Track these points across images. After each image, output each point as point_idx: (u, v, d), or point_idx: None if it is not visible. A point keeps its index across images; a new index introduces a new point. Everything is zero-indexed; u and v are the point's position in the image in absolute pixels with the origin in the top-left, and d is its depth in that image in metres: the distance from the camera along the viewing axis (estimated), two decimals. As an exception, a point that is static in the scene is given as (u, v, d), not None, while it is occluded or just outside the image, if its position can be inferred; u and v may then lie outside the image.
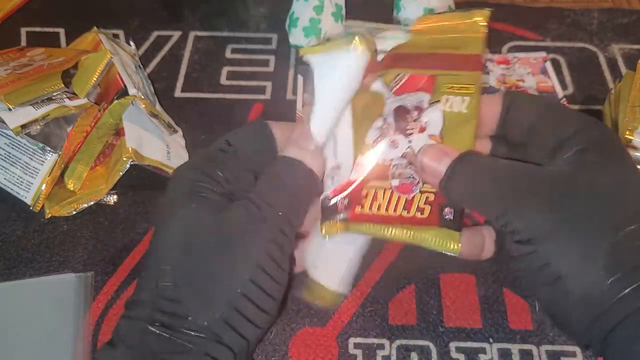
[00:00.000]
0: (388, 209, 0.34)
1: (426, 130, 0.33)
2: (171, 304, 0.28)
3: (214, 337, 0.28)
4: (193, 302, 0.28)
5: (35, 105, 0.41)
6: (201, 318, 0.28)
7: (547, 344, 0.38)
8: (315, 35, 0.54)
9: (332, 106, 0.32)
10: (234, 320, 0.28)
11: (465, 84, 0.33)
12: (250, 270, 0.28)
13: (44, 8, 0.63)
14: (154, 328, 0.27)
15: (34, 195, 0.44)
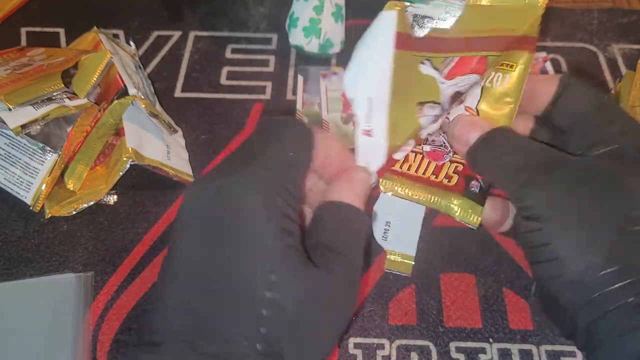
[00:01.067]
0: (418, 171, 0.35)
1: (464, 102, 0.34)
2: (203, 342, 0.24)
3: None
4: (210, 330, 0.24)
5: (35, 105, 0.41)
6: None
7: (547, 344, 0.38)
8: (315, 35, 0.54)
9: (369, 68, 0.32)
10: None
11: (511, 62, 0.33)
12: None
13: (44, 8, 0.63)
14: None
15: (34, 195, 0.44)
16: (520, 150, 0.32)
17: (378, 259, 0.43)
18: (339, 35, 0.56)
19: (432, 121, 0.34)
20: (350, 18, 0.57)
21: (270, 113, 0.53)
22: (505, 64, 0.33)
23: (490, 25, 0.33)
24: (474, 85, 0.34)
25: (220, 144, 0.51)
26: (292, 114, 0.52)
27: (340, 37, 0.56)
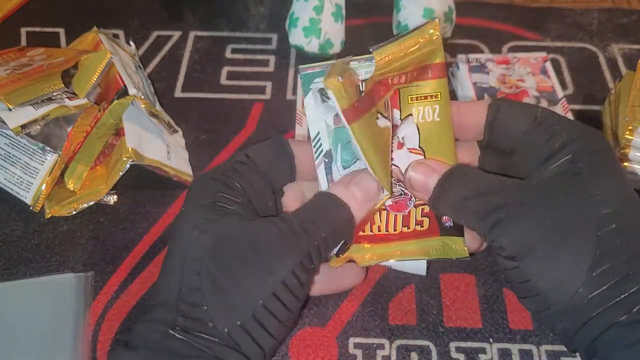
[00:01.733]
0: (388, 229, 0.34)
1: (405, 145, 0.33)
2: (194, 309, 0.28)
3: (233, 344, 0.28)
4: (216, 308, 0.28)
5: (35, 105, 0.41)
6: (222, 324, 0.28)
7: (547, 344, 0.38)
8: (315, 35, 0.54)
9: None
10: (253, 329, 0.29)
11: (431, 93, 0.32)
12: (275, 285, 0.29)
13: (44, 8, 0.63)
14: (174, 332, 0.28)
15: (34, 195, 0.44)
16: (479, 192, 0.31)
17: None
18: (339, 35, 0.56)
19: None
20: (350, 18, 0.57)
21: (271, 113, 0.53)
22: (428, 96, 0.33)
23: (401, 64, 0.31)
24: (403, 124, 0.33)
25: (220, 144, 0.51)
26: (292, 114, 0.53)
27: (340, 37, 0.56)
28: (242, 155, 0.33)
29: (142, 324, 0.29)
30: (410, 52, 0.31)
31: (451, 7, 0.56)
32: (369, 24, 0.62)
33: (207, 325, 0.28)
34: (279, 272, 0.29)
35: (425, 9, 0.55)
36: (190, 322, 0.28)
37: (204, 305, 0.28)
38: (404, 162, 0.33)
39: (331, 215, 0.31)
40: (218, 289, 0.29)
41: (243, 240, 0.30)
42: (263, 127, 0.52)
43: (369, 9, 0.63)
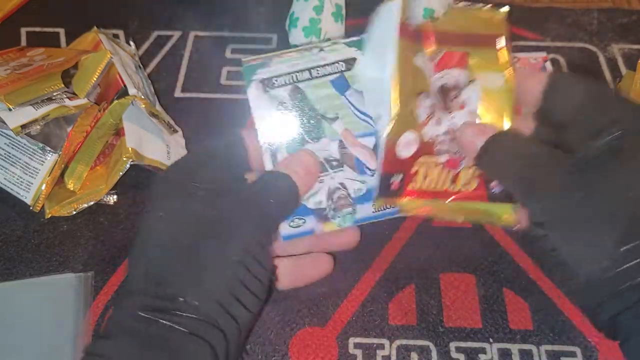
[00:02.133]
0: (438, 184, 0.35)
1: (466, 107, 0.34)
2: (161, 288, 0.28)
3: (206, 317, 0.28)
4: (183, 282, 0.28)
5: (35, 105, 0.41)
6: (191, 297, 0.28)
7: (547, 344, 0.38)
8: (316, 35, 0.54)
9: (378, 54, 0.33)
10: (224, 300, 0.28)
11: (500, 61, 0.34)
12: (239, 253, 0.29)
13: (44, 8, 0.63)
14: (144, 313, 0.27)
15: (34, 195, 0.44)
16: (520, 156, 0.32)
17: (378, 260, 0.43)
18: (339, 35, 0.55)
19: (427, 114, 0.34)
20: (350, 18, 0.57)
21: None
22: (494, 64, 0.34)
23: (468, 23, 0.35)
24: (468, 87, 0.34)
25: (220, 144, 0.51)
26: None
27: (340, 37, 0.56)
28: (202, 147, 0.35)
29: (114, 311, 0.29)
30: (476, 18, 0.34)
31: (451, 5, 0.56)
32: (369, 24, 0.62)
33: (176, 300, 0.28)
34: (242, 239, 0.29)
35: (425, 9, 0.55)
36: (159, 301, 0.28)
37: (172, 283, 0.28)
38: (461, 122, 0.35)
39: (274, 185, 0.32)
40: (184, 264, 0.29)
41: (202, 217, 0.30)
42: (263, 127, 0.52)
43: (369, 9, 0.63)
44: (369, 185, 0.34)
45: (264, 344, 0.39)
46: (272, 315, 0.40)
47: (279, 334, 0.39)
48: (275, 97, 0.33)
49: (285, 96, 0.33)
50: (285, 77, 0.33)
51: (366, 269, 0.42)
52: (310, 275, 0.38)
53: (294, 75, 0.33)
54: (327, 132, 0.33)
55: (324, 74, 0.33)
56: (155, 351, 0.27)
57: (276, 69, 0.33)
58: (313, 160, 0.34)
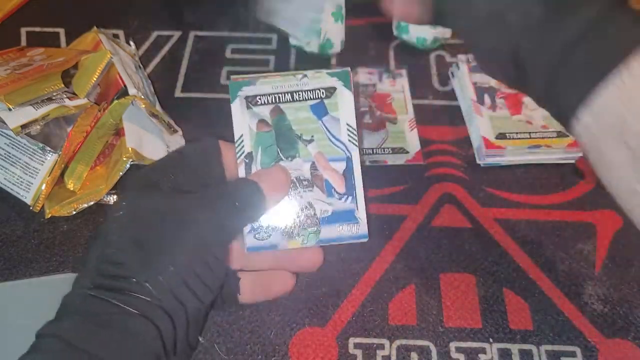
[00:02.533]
0: None
1: None
2: (114, 267, 0.28)
3: (154, 299, 0.28)
4: (136, 263, 0.28)
5: (35, 105, 0.41)
6: (142, 277, 0.28)
7: (547, 344, 0.38)
8: (316, 35, 0.54)
9: None
10: (174, 284, 0.29)
11: None
12: (196, 243, 0.30)
13: (44, 8, 0.63)
14: (92, 292, 0.28)
15: (34, 195, 0.44)
16: None
17: (378, 260, 0.43)
18: (339, 35, 0.56)
19: None
20: (350, 18, 0.57)
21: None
22: None
23: None
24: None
25: (220, 144, 0.51)
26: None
27: (340, 37, 0.56)
28: (175, 152, 0.35)
29: (67, 295, 0.30)
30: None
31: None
32: (369, 24, 0.62)
33: (127, 279, 0.28)
34: (197, 226, 0.30)
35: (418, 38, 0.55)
36: (110, 280, 0.28)
37: (124, 262, 0.28)
38: None
39: (241, 189, 0.33)
40: (138, 246, 0.29)
41: (163, 208, 0.30)
42: (263, 127, 0.52)
43: (369, 9, 0.63)
44: (335, 208, 0.35)
45: (264, 344, 0.39)
46: (272, 315, 0.40)
47: (279, 334, 0.39)
48: (256, 114, 0.36)
49: (266, 114, 0.35)
50: (268, 97, 0.36)
51: (366, 269, 0.42)
52: (271, 291, 0.38)
53: (277, 96, 0.35)
54: (302, 152, 0.35)
55: (304, 99, 0.35)
56: (103, 330, 0.27)
57: (261, 89, 0.36)
58: (284, 176, 0.34)
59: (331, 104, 0.35)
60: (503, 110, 0.50)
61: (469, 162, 0.49)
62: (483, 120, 0.49)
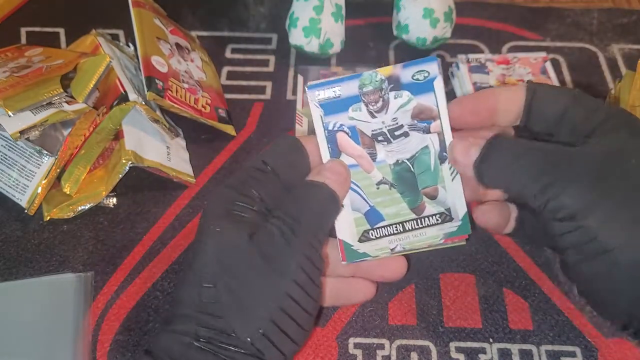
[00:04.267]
0: (185, 99, 0.48)
1: (194, 62, 0.52)
2: (215, 320, 0.29)
3: (256, 352, 0.29)
4: (236, 318, 0.29)
5: (34, 110, 0.41)
6: (244, 334, 0.29)
7: (547, 344, 0.38)
8: (315, 35, 0.54)
9: None
10: (274, 335, 0.29)
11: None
12: (287, 285, 0.29)
13: (44, 8, 0.63)
14: (198, 344, 0.28)
15: (30, 198, 0.44)
16: (529, 153, 0.31)
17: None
18: (339, 35, 0.55)
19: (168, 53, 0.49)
20: (350, 18, 0.57)
21: (271, 113, 0.53)
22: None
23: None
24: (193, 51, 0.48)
25: (221, 144, 0.51)
26: (292, 114, 0.53)
27: (340, 37, 0.56)
28: (259, 162, 0.34)
29: (165, 334, 0.30)
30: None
31: (451, 7, 0.56)
32: (369, 24, 0.62)
33: (229, 336, 0.29)
34: (289, 271, 0.30)
35: (425, 9, 0.55)
36: (212, 333, 0.29)
37: (223, 316, 0.29)
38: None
39: (315, 198, 0.32)
40: (235, 298, 0.29)
41: (250, 249, 0.30)
42: (263, 127, 0.52)
43: (369, 9, 0.63)
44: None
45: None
46: (272, 315, 0.40)
47: (279, 334, 0.39)
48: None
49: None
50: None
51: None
52: (350, 298, 0.38)
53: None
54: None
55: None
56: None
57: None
58: (343, 169, 0.34)
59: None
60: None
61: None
62: (483, 120, 0.49)
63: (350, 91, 0.34)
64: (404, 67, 0.33)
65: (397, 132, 0.34)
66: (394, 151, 0.35)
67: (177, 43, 0.53)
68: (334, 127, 0.34)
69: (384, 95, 0.34)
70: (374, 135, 0.34)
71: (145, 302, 0.40)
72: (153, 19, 0.51)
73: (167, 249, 0.44)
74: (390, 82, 0.34)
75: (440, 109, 0.34)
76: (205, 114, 0.49)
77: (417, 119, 0.34)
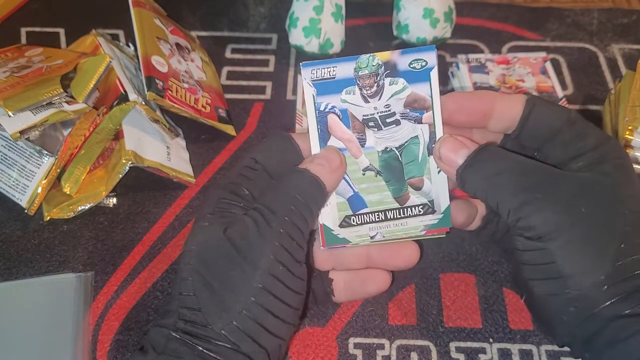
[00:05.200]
0: (185, 99, 0.48)
1: (194, 62, 0.52)
2: (191, 313, 0.29)
3: (232, 345, 0.29)
4: (210, 310, 0.29)
5: (34, 110, 0.41)
6: (218, 326, 0.29)
7: (547, 344, 0.38)
8: (315, 36, 0.54)
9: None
10: (249, 328, 0.29)
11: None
12: (261, 277, 0.29)
13: (44, 8, 0.63)
14: (176, 334, 0.29)
15: (30, 198, 0.44)
16: (514, 169, 0.31)
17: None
18: (339, 35, 0.56)
19: (168, 53, 0.50)
20: (350, 18, 0.57)
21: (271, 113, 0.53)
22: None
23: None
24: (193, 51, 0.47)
25: (221, 143, 0.51)
26: (292, 114, 0.53)
27: (340, 37, 0.56)
28: (250, 160, 0.34)
29: (152, 328, 0.31)
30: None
31: (451, 7, 0.56)
32: (369, 24, 0.62)
33: (205, 327, 0.29)
34: (262, 262, 0.29)
35: (425, 9, 0.55)
36: (190, 326, 0.29)
37: (199, 308, 0.29)
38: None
39: (294, 185, 0.32)
40: (210, 291, 0.29)
41: (225, 241, 0.30)
42: (263, 127, 0.52)
43: (369, 9, 0.63)
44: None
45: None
46: (272, 315, 0.40)
47: (279, 334, 0.39)
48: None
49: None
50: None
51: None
52: (367, 291, 0.38)
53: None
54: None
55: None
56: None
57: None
58: (337, 157, 0.33)
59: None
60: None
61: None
62: (483, 120, 0.49)
63: (345, 73, 0.33)
64: (402, 54, 0.33)
65: (389, 119, 0.34)
66: (384, 138, 0.34)
67: (177, 43, 0.52)
68: (325, 108, 0.34)
69: (379, 80, 0.33)
70: (365, 120, 0.34)
71: (145, 302, 0.40)
72: (153, 19, 0.51)
73: (167, 249, 0.44)
74: (386, 67, 0.33)
75: (434, 100, 0.33)
76: (205, 114, 0.49)
77: (410, 108, 0.34)
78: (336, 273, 0.37)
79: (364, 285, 0.37)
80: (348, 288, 0.37)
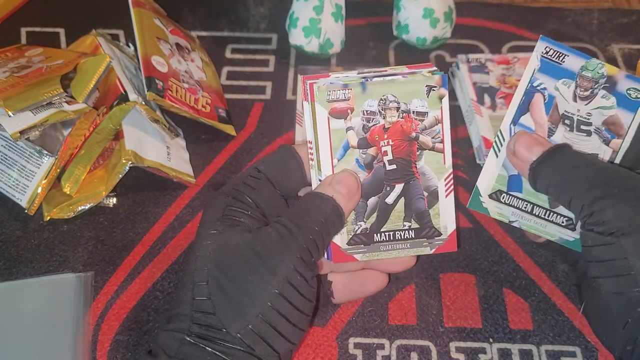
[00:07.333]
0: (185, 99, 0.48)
1: (194, 62, 0.53)
2: (206, 317, 0.29)
3: (247, 348, 0.29)
4: (226, 314, 0.29)
5: (34, 110, 0.41)
6: (234, 329, 0.29)
7: (547, 344, 0.38)
8: (315, 35, 0.54)
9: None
10: (264, 332, 0.30)
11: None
12: (279, 284, 0.30)
13: (44, 8, 0.63)
14: (190, 339, 0.29)
15: (30, 198, 0.44)
16: (591, 165, 0.32)
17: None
18: (339, 35, 0.56)
19: (168, 53, 0.49)
20: (350, 18, 0.57)
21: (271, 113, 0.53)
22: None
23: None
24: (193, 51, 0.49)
25: (221, 143, 0.51)
26: (292, 114, 0.53)
27: (340, 37, 0.56)
28: (253, 169, 0.35)
29: (163, 333, 0.31)
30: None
31: (451, 7, 0.56)
32: (369, 24, 0.62)
33: (220, 331, 0.29)
34: (281, 270, 0.30)
35: (425, 9, 0.55)
36: (205, 329, 0.29)
37: (215, 312, 0.29)
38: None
39: (319, 209, 0.33)
40: (226, 295, 0.30)
41: (244, 247, 0.31)
42: (263, 127, 0.52)
43: (369, 9, 0.63)
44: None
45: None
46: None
47: (279, 334, 0.39)
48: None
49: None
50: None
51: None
52: (365, 291, 0.39)
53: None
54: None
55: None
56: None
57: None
58: (355, 182, 0.34)
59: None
60: (503, 110, 0.50)
61: (469, 162, 0.49)
62: (483, 120, 0.49)
63: (572, 65, 0.35)
64: (627, 77, 0.35)
65: (584, 126, 0.35)
66: (570, 140, 0.36)
67: (177, 43, 0.52)
68: (538, 86, 0.35)
69: (595, 88, 0.35)
70: (564, 115, 0.35)
71: (145, 302, 0.40)
72: (153, 19, 0.51)
73: (167, 249, 0.44)
74: (607, 80, 0.35)
75: (629, 132, 0.35)
76: (205, 114, 0.49)
77: (606, 127, 0.35)
78: (335, 275, 0.38)
79: (363, 285, 0.38)
80: (347, 289, 0.38)
